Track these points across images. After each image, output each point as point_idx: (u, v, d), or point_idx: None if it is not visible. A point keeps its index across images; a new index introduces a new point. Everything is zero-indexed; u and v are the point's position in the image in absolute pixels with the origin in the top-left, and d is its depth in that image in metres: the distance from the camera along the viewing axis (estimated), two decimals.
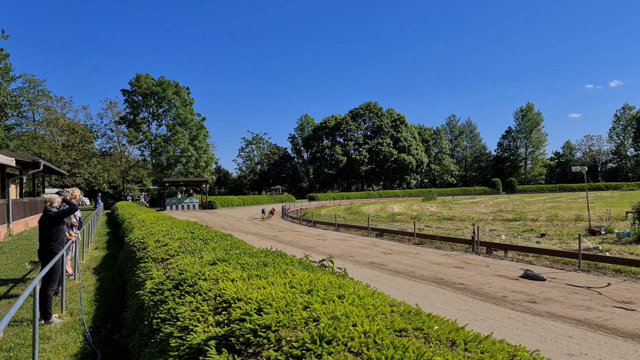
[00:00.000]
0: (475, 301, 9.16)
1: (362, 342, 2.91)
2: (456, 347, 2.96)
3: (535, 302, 8.93)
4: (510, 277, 11.60)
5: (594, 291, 9.95)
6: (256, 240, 20.44)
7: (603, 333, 6.96)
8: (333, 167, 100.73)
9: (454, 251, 16.91)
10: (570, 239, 18.60)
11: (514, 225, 26.11)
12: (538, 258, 14.76)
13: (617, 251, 15.31)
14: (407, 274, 12.19)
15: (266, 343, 3.15)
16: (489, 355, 2.74)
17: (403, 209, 45.11)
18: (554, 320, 7.66)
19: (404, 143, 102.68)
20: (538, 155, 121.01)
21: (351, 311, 3.45)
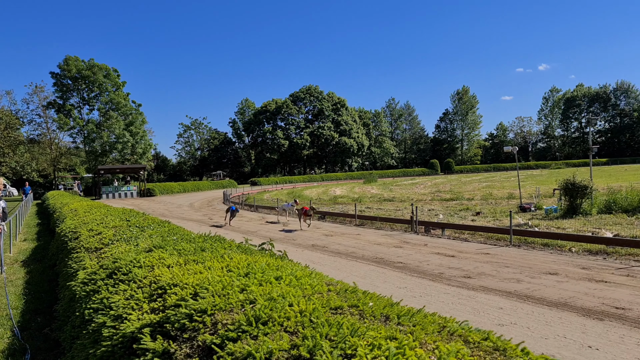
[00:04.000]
0: (413, 278, 9.42)
1: (298, 321, 2.93)
2: (390, 321, 3.03)
3: (470, 277, 9.29)
4: (447, 255, 12.01)
5: (523, 265, 10.46)
6: (196, 226, 20.12)
7: (531, 303, 7.35)
8: (275, 152, 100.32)
9: (394, 231, 17.31)
10: (503, 216, 19.41)
11: (451, 204, 26.98)
12: (473, 235, 15.34)
13: (545, 226, 16.13)
14: (348, 255, 12.38)
15: (202, 327, 3.11)
16: (420, 328, 2.83)
17: (345, 192, 45.63)
18: (487, 293, 8.01)
19: (345, 126, 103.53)
20: (474, 137, 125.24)
21: (288, 292, 3.46)
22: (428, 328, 2.87)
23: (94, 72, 65.63)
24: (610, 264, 10.36)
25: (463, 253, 12.20)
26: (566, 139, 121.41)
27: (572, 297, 7.57)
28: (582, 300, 7.39)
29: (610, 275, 9.13)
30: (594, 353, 5.28)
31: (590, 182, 19.32)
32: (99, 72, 66.12)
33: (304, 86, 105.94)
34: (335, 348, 2.53)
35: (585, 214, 18.31)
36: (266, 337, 2.77)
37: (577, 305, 7.16)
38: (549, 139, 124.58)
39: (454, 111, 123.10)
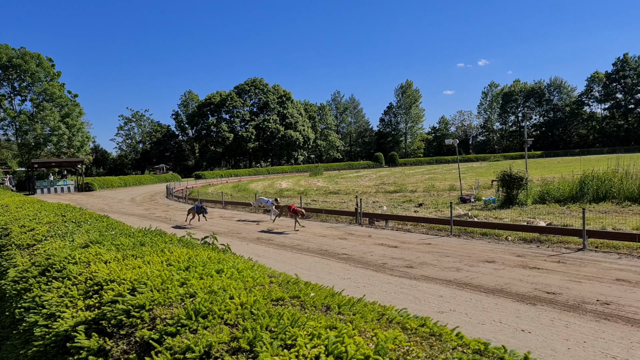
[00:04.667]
0: (357, 269, 9.55)
1: (239, 313, 2.91)
2: (330, 311, 3.06)
3: (412, 267, 9.51)
4: (390, 245, 12.24)
5: (463, 254, 10.81)
6: (138, 221, 19.58)
7: (469, 290, 7.61)
8: (220, 145, 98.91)
9: (339, 223, 17.47)
10: (444, 207, 19.96)
11: (395, 196, 27.50)
12: (416, 226, 15.70)
13: (484, 216, 16.72)
14: (293, 248, 12.40)
15: (140, 323, 3.04)
16: (360, 316, 2.87)
17: (291, 185, 45.62)
18: (428, 282, 8.23)
19: (291, 119, 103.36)
20: (417, 130, 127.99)
21: (229, 284, 3.43)
22: (367, 316, 2.92)
23: (25, 61, 62.34)
24: (543, 251, 10.87)
25: (406, 244, 12.47)
26: (504, 132, 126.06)
27: (507, 284, 7.90)
28: (516, 286, 7.72)
29: (542, 262, 9.57)
30: (527, 336, 5.53)
31: (525, 173, 20.16)
32: (31, 60, 62.88)
33: (249, 79, 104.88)
34: (275, 339, 2.53)
35: (521, 204, 19.09)
36: (206, 331, 2.73)
37: (512, 291, 7.47)
38: (488, 132, 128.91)
39: (397, 105, 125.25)
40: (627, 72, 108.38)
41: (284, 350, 2.45)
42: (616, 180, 19.01)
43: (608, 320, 5.96)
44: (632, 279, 7.92)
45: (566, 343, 5.27)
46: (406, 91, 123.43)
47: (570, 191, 19.80)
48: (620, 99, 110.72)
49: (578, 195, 19.30)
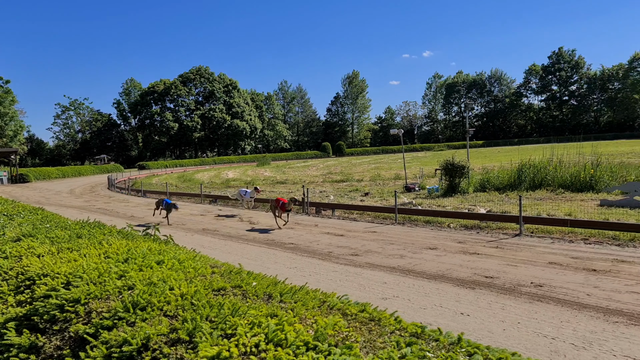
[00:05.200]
0: (304, 258, 9.60)
1: (179, 304, 2.87)
2: (272, 299, 3.07)
3: (357, 255, 9.65)
4: (336, 234, 12.36)
5: (407, 241, 11.05)
6: (77, 213, 18.88)
7: (412, 277, 7.80)
8: (164, 134, 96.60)
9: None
10: (389, 196, 20.31)
11: (341, 186, 27.75)
12: (362, 215, 15.91)
13: (428, 205, 17.13)
14: (239, 238, 12.32)
15: (74, 317, 2.94)
16: (301, 304, 2.89)
17: (238, 175, 45.20)
18: (373, 270, 8.37)
19: (237, 109, 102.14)
20: (363, 120, 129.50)
21: (169, 276, 3.37)
22: (309, 304, 2.95)
23: None
24: (483, 237, 11.26)
25: (352, 232, 12.62)
26: (448, 122, 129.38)
27: (448, 269, 8.15)
28: (457, 271, 7.98)
29: (482, 248, 9.93)
30: (466, 319, 5.73)
31: (467, 162, 20.78)
32: None
33: (194, 67, 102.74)
34: (215, 329, 2.51)
35: (463, 193, 19.69)
36: (144, 323, 2.68)
37: (452, 276, 7.71)
38: (432, 122, 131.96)
39: (344, 95, 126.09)
40: (561, 65, 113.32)
41: (224, 340, 2.44)
42: (551, 169, 19.90)
43: (541, 302, 6.25)
44: (563, 262, 8.34)
45: (502, 324, 5.50)
46: (353, 81, 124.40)
47: (508, 179, 20.58)
48: (556, 91, 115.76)
49: (516, 183, 20.09)
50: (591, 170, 18.69)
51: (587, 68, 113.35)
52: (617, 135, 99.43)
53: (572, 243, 10.06)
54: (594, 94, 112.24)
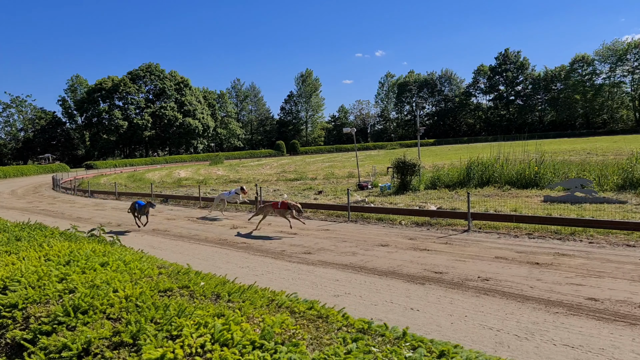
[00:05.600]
0: (256, 257, 9.54)
1: (123, 307, 2.80)
2: (220, 299, 3.04)
3: (310, 253, 9.68)
4: (289, 233, 12.35)
5: (359, 238, 11.16)
6: (19, 215, 18.13)
7: (364, 274, 7.89)
8: (113, 133, 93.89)
9: (239, 212, 17.33)
10: (343, 194, 20.46)
11: (295, 184, 27.76)
12: (315, 213, 15.95)
13: (380, 202, 17.35)
14: (191, 238, 12.13)
15: (11, 323, 2.82)
16: (249, 303, 2.87)
17: (190, 174, 44.48)
18: (325, 267, 8.41)
19: (189, 107, 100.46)
20: (317, 119, 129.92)
21: (114, 278, 3.28)
22: (257, 303, 2.93)
23: None
24: (433, 233, 11.51)
25: (305, 230, 12.64)
26: (400, 121, 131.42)
27: (399, 266, 8.28)
28: (408, 267, 8.12)
29: (432, 244, 10.14)
30: (416, 314, 5.85)
31: (418, 160, 21.16)
32: None
33: (143, 64, 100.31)
34: (160, 330, 2.46)
35: (414, 190, 20.05)
36: (86, 327, 2.60)
37: (403, 272, 7.85)
38: (385, 121, 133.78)
39: (298, 94, 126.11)
40: (508, 66, 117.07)
41: (169, 342, 2.40)
42: (498, 167, 20.53)
43: (487, 295, 6.45)
44: (508, 256, 8.62)
45: (450, 318, 5.64)
46: (306, 80, 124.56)
47: (458, 177, 21.09)
48: (503, 91, 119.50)
49: (465, 181, 20.61)
50: (535, 167, 19.40)
51: (531, 69, 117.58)
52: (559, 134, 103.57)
53: (517, 238, 10.41)
54: (538, 94, 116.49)
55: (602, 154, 33.04)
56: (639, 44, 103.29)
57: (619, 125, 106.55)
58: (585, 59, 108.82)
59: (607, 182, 17.41)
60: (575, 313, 5.66)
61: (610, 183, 17.29)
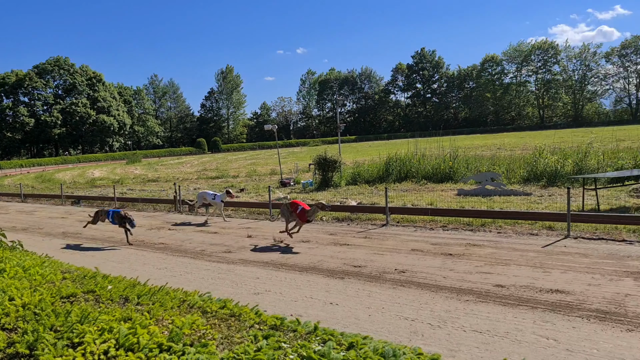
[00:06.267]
0: (175, 258, 9.30)
1: (20, 315, 2.62)
2: (129, 302, 2.92)
3: (231, 252, 9.56)
4: (210, 232, 12.13)
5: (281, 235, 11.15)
6: None
7: (285, 270, 7.90)
8: (18, 131, 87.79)
9: (157, 212, 16.81)
10: (265, 191, 20.34)
11: (217, 182, 27.29)
12: (237, 211, 15.77)
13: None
14: (104, 240, 11.62)
15: None
16: (159, 305, 2.79)
17: (105, 174, 42.55)
18: (246, 266, 8.34)
19: (103, 103, 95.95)
20: (239, 116, 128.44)
21: (10, 285, 3.07)
22: (167, 304, 2.85)
23: None
24: (353, 228, 11.73)
25: (226, 229, 12.47)
26: (322, 118, 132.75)
27: (320, 261, 8.37)
28: (328, 262, 8.22)
29: (352, 239, 10.33)
30: (335, 308, 5.93)
31: (339, 157, 21.48)
32: None
33: (51, 57, 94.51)
34: (60, 339, 2.33)
35: (336, 186, 20.33)
36: None
37: (323, 267, 7.94)
38: (307, 118, 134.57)
39: (219, 90, 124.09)
40: (424, 64, 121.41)
41: (69, 350, 2.27)
42: (415, 162, 21.26)
43: (403, 287, 6.66)
44: (424, 249, 8.95)
45: (368, 310, 5.77)
46: (227, 76, 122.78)
47: (378, 172, 21.63)
48: (420, 89, 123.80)
49: (384, 176, 21.18)
50: (450, 162, 20.28)
51: (446, 68, 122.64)
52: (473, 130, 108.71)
53: (433, 230, 10.83)
54: (452, 92, 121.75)
55: (511, 149, 35.08)
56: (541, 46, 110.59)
57: (525, 122, 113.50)
58: (495, 59, 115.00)
59: (515, 176, 18.52)
60: (483, 300, 5.97)
61: (517, 176, 18.40)
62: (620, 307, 5.45)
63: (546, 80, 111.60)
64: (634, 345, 4.47)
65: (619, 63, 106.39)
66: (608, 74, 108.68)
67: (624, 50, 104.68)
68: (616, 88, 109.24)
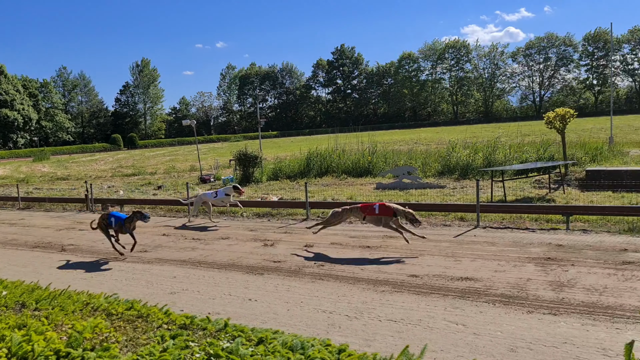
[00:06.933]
0: (86, 260, 8.86)
1: None
2: (25, 308, 2.74)
3: (146, 251, 9.25)
4: None
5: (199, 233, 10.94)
6: None
7: (203, 268, 7.76)
8: None
9: (67, 212, 15.93)
10: (184, 188, 19.84)
11: (133, 180, 26.30)
12: (154, 209, 15.28)
13: None
14: (7, 243, 10.85)
15: None
16: (59, 309, 2.63)
17: (8, 172, 39.73)
18: (162, 265, 8.10)
19: (6, 97, 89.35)
20: (157, 111, 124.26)
21: None
22: (68, 308, 2.70)
23: None
24: (274, 224, 11.71)
25: (141, 228, 12.01)
26: (243, 113, 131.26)
27: (239, 258, 8.29)
28: (247, 259, 8.16)
29: (272, 234, 10.31)
30: (253, 304, 5.89)
31: (260, 152, 21.37)
32: None
33: None
34: None
35: (257, 182, 20.21)
36: None
37: (243, 264, 7.87)
38: (228, 113, 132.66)
39: (135, 84, 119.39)
40: (344, 60, 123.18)
41: None
42: (335, 157, 21.57)
43: (322, 280, 6.73)
44: (343, 242, 9.11)
45: (287, 305, 5.78)
46: (143, 70, 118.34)
47: (299, 167, 21.72)
48: (340, 85, 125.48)
49: (305, 171, 21.31)
50: (369, 157, 20.75)
51: (365, 64, 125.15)
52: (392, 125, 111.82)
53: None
54: (372, 88, 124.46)
55: (427, 143, 36.43)
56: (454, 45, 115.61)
57: (440, 117, 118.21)
58: (411, 56, 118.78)
59: (430, 169, 19.27)
60: (398, 290, 6.16)
61: (432, 170, 19.15)
62: (522, 291, 5.82)
63: (459, 78, 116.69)
64: (533, 326, 4.79)
65: (524, 62, 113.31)
66: (514, 72, 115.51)
67: (528, 51, 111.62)
68: (522, 86, 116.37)
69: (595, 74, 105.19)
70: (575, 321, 4.86)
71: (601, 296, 5.52)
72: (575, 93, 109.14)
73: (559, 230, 9.22)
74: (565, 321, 4.87)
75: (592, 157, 18.52)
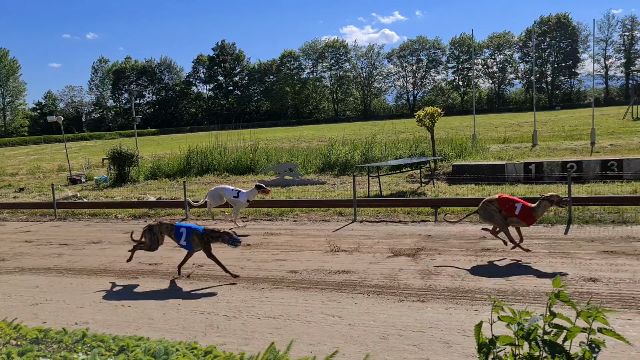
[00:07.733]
0: None
1: None
2: None
3: (4, 260, 8.43)
4: None
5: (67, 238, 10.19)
6: None
7: (71, 275, 7.24)
8: None
9: None
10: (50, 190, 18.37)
11: None
12: (14, 213, 13.98)
13: (95, 196, 16.17)
14: None
15: None
16: None
17: None
18: (23, 274, 7.44)
19: None
20: (18, 106, 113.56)
21: None
22: None
23: None
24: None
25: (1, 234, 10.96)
26: (119, 109, 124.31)
27: (112, 262, 7.86)
28: (120, 263, 7.73)
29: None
30: (127, 310, 5.60)
31: (136, 151, 20.40)
32: None
33: None
34: None
35: (133, 182, 19.29)
36: None
37: (116, 268, 7.48)
38: (102, 109, 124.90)
39: None
40: (225, 57, 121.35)
41: None
42: (216, 155, 21.21)
43: (200, 281, 6.59)
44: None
45: (163, 309, 5.58)
46: (1, 61, 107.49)
47: (178, 166, 21.07)
48: (222, 81, 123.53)
49: (185, 169, 20.72)
50: (251, 154, 20.67)
51: (247, 61, 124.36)
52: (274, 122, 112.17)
53: (232, 222, 10.90)
54: (254, 85, 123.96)
55: (308, 140, 37.09)
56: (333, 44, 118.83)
57: (322, 115, 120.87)
58: (293, 54, 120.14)
59: (311, 166, 19.65)
60: (278, 286, 6.21)
61: (313, 166, 19.55)
62: (394, 281, 6.15)
63: (339, 77, 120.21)
64: (404, 313, 5.08)
65: (399, 63, 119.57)
66: (390, 72, 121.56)
67: (402, 52, 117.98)
68: (397, 85, 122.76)
69: (461, 76, 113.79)
70: (440, 306, 5.23)
71: (463, 281, 5.99)
72: (444, 93, 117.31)
73: (429, 222, 9.85)
74: (432, 307, 5.22)
75: (458, 152, 20.01)
